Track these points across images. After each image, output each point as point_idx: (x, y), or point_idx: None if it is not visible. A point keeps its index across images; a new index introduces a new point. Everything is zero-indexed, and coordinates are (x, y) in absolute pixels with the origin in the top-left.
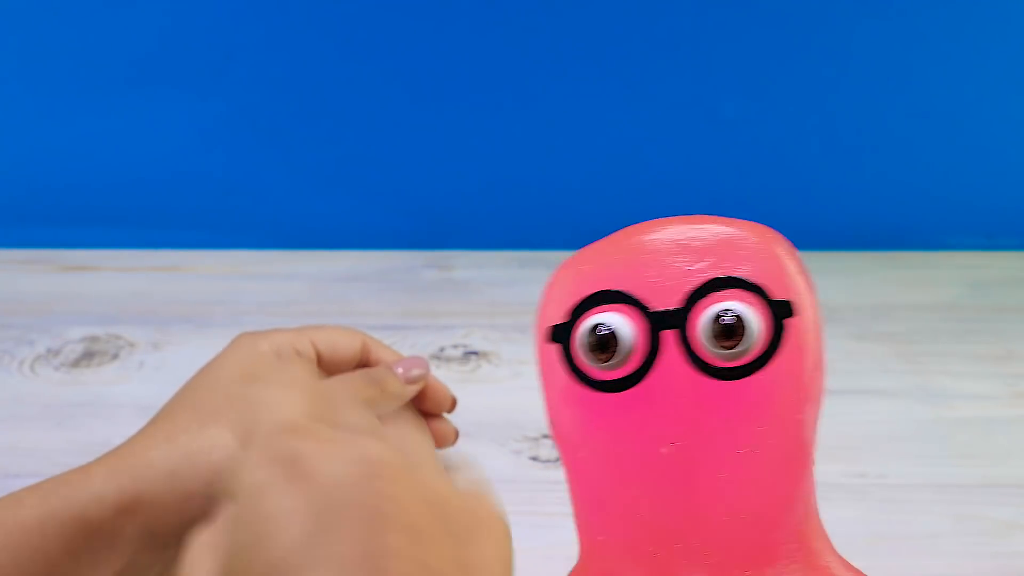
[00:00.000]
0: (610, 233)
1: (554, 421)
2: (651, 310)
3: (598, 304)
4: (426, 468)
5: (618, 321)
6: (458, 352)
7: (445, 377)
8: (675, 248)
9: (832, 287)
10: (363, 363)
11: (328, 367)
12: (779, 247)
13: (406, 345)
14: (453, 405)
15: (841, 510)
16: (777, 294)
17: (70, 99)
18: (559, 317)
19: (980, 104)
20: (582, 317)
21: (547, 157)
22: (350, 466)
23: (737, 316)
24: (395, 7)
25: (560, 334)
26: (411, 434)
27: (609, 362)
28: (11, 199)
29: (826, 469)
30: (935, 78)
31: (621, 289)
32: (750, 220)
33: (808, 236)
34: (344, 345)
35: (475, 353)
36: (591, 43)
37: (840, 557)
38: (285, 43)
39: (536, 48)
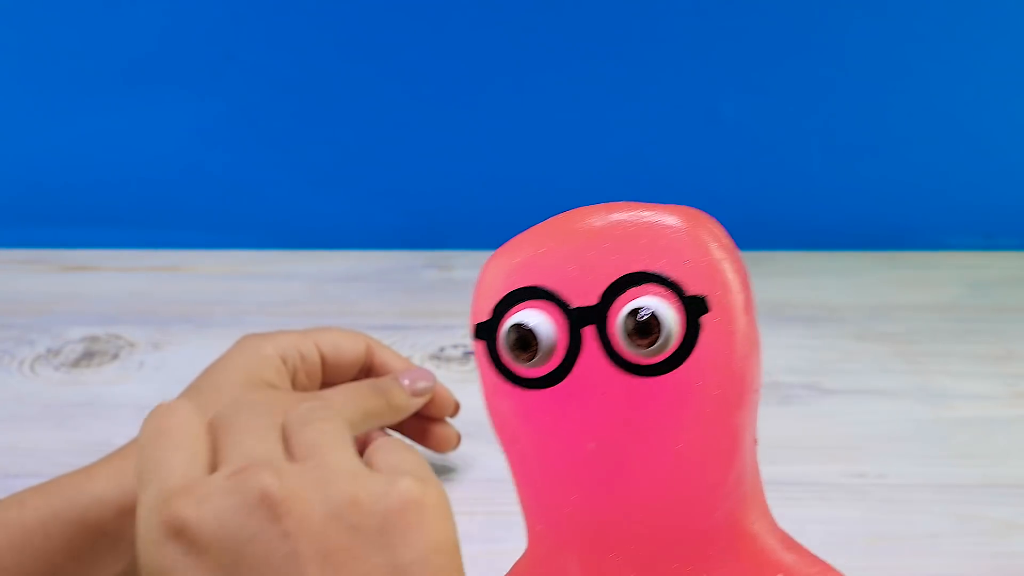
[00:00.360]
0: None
1: (490, 413)
2: (571, 307)
3: (520, 300)
4: (340, 476)
5: (538, 319)
6: (458, 352)
7: (445, 377)
8: (597, 239)
9: (832, 287)
10: (367, 366)
11: (332, 369)
12: (705, 234)
13: (406, 345)
14: (456, 410)
15: (841, 510)
16: (693, 289)
17: (70, 99)
18: (484, 315)
19: (980, 104)
20: (505, 315)
21: (547, 157)
22: (244, 515)
23: (652, 313)
24: (395, 7)
25: (484, 332)
26: (325, 440)
27: (531, 360)
28: (11, 199)
29: (826, 469)
30: (935, 78)
31: (541, 285)
32: (684, 205)
33: (808, 236)
34: (348, 348)
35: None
36: (591, 43)
37: (784, 537)
38: (285, 43)
39: (535, 48)
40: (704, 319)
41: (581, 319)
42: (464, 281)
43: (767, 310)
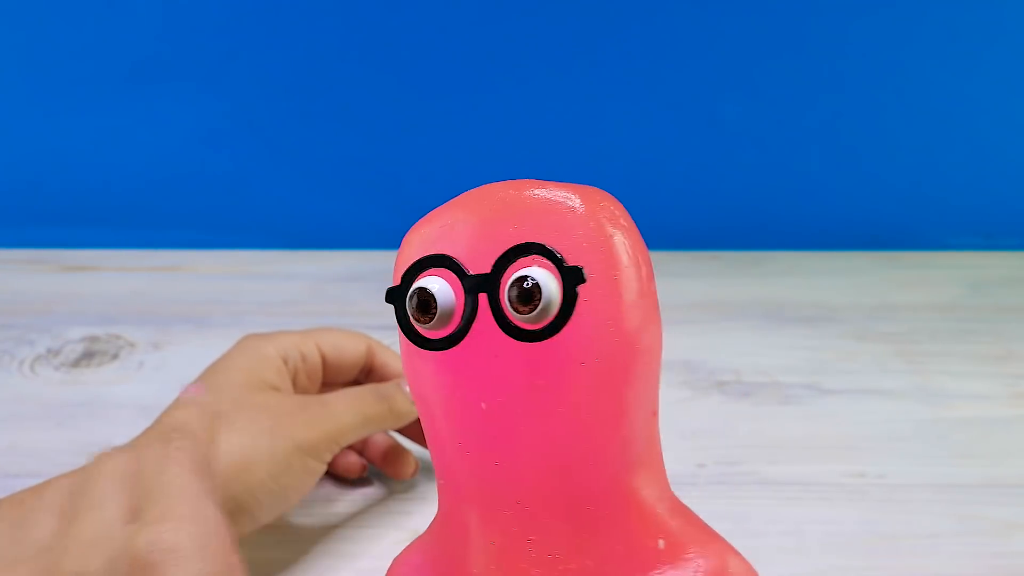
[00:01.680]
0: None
1: (405, 373)
2: (468, 274)
3: (426, 268)
4: (72, 550)
5: (438, 285)
6: None
7: None
8: (499, 213)
9: (832, 287)
10: (367, 366)
11: (333, 370)
12: (600, 212)
13: None
14: None
15: (841, 510)
16: (572, 261)
17: (70, 99)
18: (396, 280)
19: (980, 104)
20: (414, 280)
21: (547, 157)
22: None
23: (533, 283)
24: (395, 7)
25: (393, 296)
26: (81, 502)
27: (430, 323)
28: (11, 199)
29: (826, 469)
30: (935, 78)
31: (445, 253)
32: (591, 186)
33: (808, 236)
34: (349, 348)
35: None
36: (591, 44)
37: (676, 506)
38: (286, 43)
39: (535, 48)
40: (584, 290)
41: (475, 286)
42: None
43: (767, 310)
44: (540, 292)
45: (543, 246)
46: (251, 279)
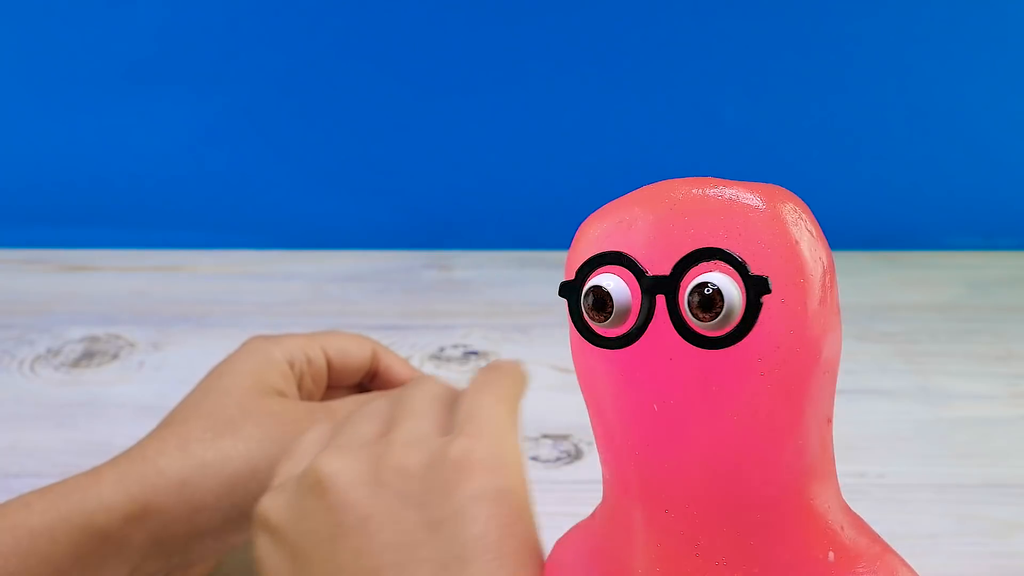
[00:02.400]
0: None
1: (575, 365)
2: (647, 274)
3: (602, 264)
4: (396, 447)
5: (614, 283)
6: (458, 352)
7: (445, 378)
8: (680, 212)
9: None
10: (372, 370)
11: (338, 374)
12: (786, 215)
13: (406, 345)
14: None
15: None
16: (757, 269)
17: (70, 99)
18: (569, 275)
19: (980, 104)
20: (589, 276)
21: (547, 157)
22: (301, 498)
23: (715, 289)
24: (395, 7)
25: (566, 291)
26: (403, 412)
27: (605, 321)
28: (11, 199)
29: None
30: (935, 78)
31: (623, 251)
32: (773, 184)
33: None
34: (355, 352)
35: (475, 353)
36: (591, 44)
37: (854, 519)
38: (285, 42)
39: (536, 48)
40: (767, 298)
41: (653, 288)
42: (464, 281)
43: None
44: (722, 300)
45: (727, 252)
46: (251, 279)
